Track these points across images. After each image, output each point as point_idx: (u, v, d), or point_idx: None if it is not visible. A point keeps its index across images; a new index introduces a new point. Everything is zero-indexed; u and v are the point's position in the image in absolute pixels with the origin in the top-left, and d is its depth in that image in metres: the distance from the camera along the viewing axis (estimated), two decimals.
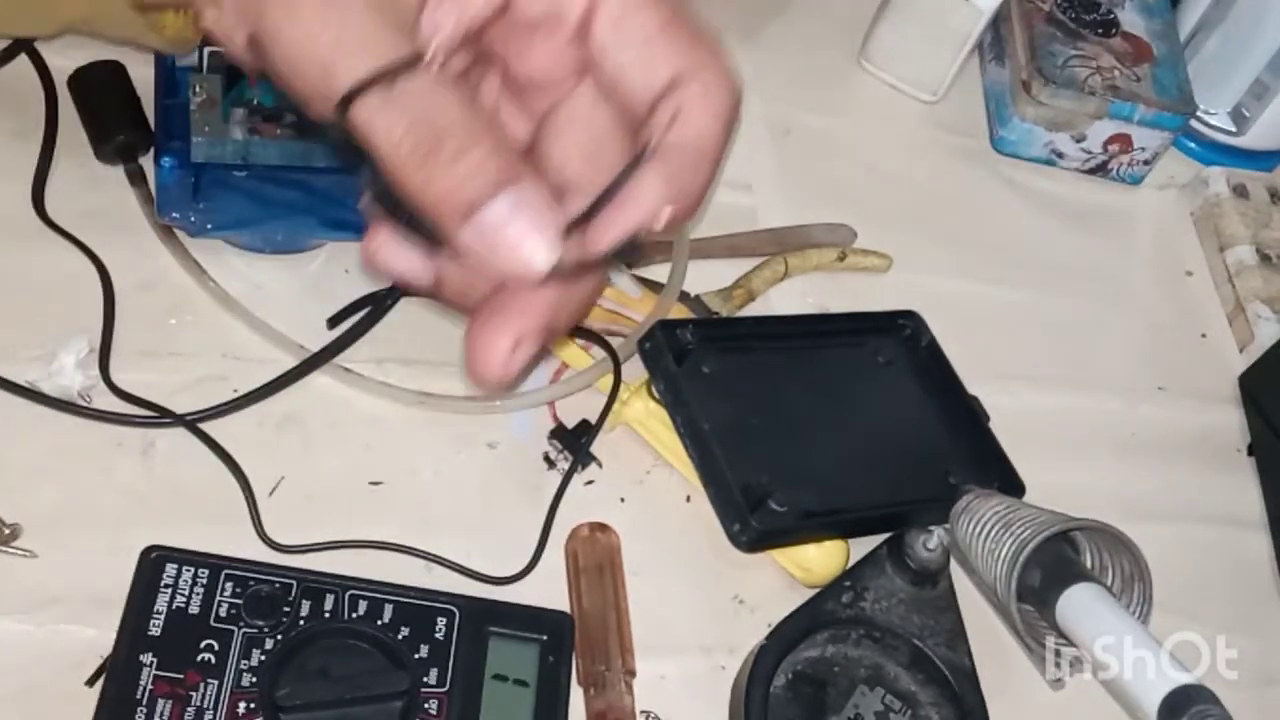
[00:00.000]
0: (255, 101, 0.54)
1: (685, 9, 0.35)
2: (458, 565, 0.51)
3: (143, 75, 0.58)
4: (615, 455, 0.56)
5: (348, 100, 0.32)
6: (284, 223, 0.56)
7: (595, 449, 0.56)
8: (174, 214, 0.54)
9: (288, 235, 0.57)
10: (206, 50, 0.55)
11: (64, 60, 0.58)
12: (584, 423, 0.56)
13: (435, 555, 0.51)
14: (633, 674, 0.49)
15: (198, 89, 0.53)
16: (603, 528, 0.53)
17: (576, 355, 0.58)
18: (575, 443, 0.55)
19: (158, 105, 0.55)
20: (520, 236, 0.33)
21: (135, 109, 0.58)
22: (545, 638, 0.49)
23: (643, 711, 0.49)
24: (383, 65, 0.32)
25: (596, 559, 0.52)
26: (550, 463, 0.55)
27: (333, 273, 0.57)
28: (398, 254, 0.35)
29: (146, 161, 0.57)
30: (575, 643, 0.49)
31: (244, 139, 0.53)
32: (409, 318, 0.57)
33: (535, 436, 0.56)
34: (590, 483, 0.55)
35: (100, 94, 0.58)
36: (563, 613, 0.50)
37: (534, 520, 0.53)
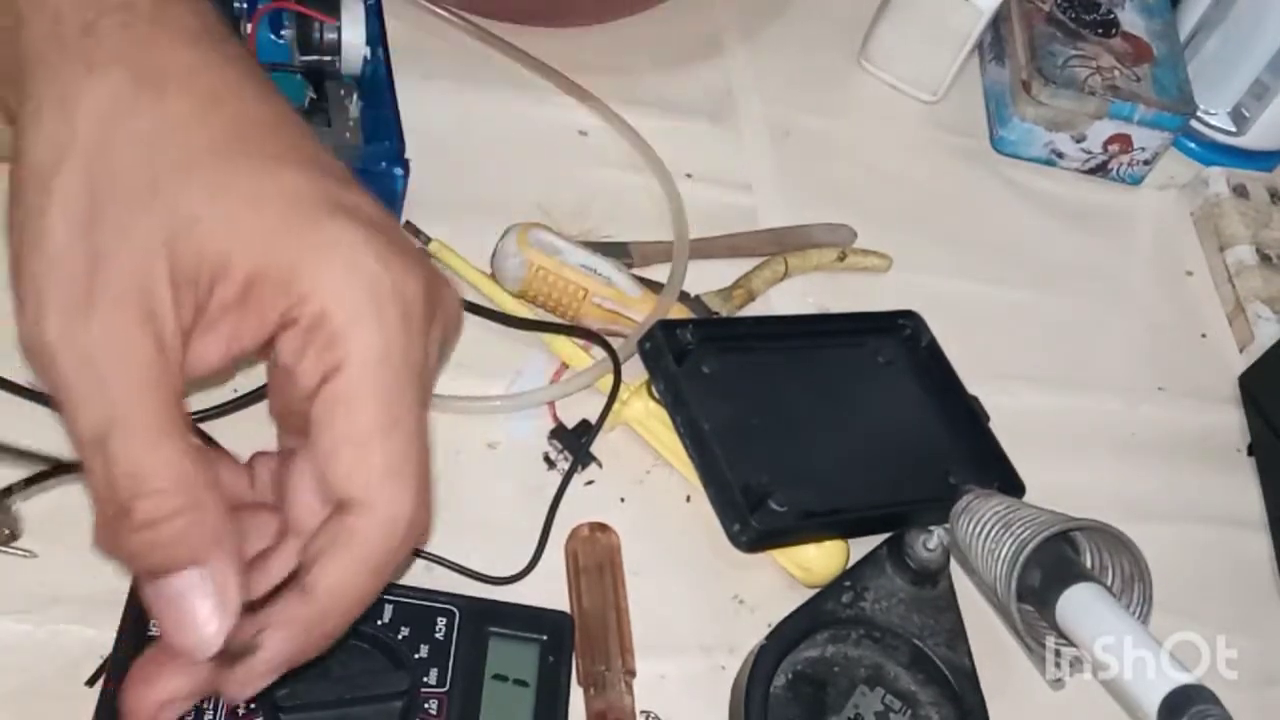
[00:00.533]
0: None
1: (411, 420, 0.33)
2: (457, 565, 0.51)
3: None
4: (615, 455, 0.56)
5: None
6: None
7: (595, 449, 0.56)
8: None
9: None
10: None
11: None
12: (584, 423, 0.56)
13: (435, 555, 0.51)
14: (633, 674, 0.49)
15: None
16: (603, 528, 0.53)
17: (576, 355, 0.58)
18: (575, 443, 0.55)
19: None
20: (192, 615, 0.32)
21: None
22: (545, 638, 0.49)
23: (643, 711, 0.49)
24: (110, 420, 0.30)
25: (596, 559, 0.52)
26: (550, 463, 0.55)
27: None
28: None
29: None
30: (575, 643, 0.49)
31: None
32: None
33: (535, 436, 0.56)
34: (590, 483, 0.55)
35: None
36: (563, 613, 0.50)
37: (534, 520, 0.53)
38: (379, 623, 0.47)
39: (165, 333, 0.31)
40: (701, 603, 0.54)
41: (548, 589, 0.51)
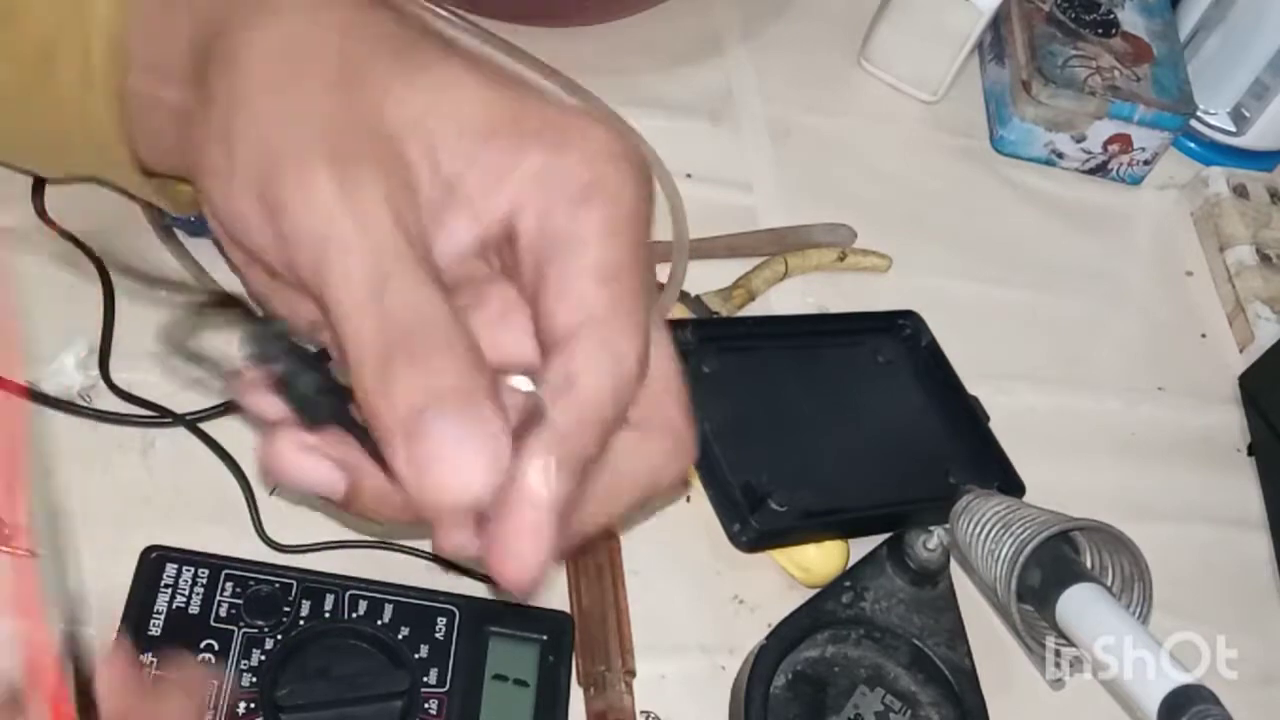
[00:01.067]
0: None
1: (643, 254, 0.32)
2: (458, 565, 0.51)
3: None
4: None
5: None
6: None
7: None
8: (176, 214, 0.54)
9: None
10: None
11: None
12: None
13: (435, 555, 0.51)
14: (633, 674, 0.49)
15: None
16: None
17: None
18: None
19: None
20: (456, 463, 0.28)
21: None
22: (545, 638, 0.48)
23: (643, 711, 0.49)
24: (382, 267, 0.29)
25: (596, 559, 0.52)
26: None
27: None
28: (306, 462, 0.31)
29: None
30: (575, 643, 0.49)
31: None
32: None
33: None
34: None
35: None
36: (563, 613, 0.50)
37: None
38: (379, 623, 0.47)
39: (425, 206, 0.31)
40: (701, 603, 0.54)
41: (548, 589, 0.51)
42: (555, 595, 0.51)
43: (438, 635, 0.47)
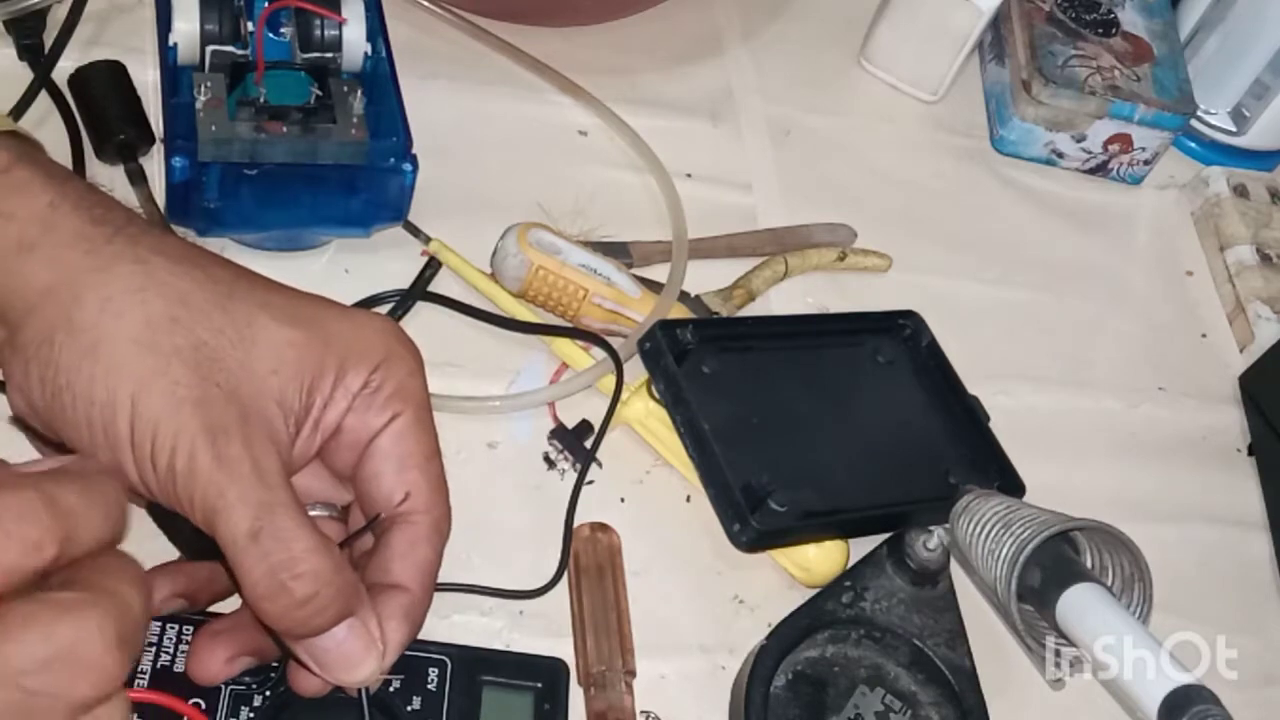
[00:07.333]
0: (261, 100, 0.54)
1: (432, 423, 0.43)
2: (482, 588, 0.50)
3: (143, 75, 0.59)
4: (615, 455, 0.56)
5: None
6: (292, 220, 0.56)
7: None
8: (184, 214, 0.54)
9: (295, 233, 0.57)
10: (209, 49, 0.55)
11: (64, 60, 0.58)
12: (584, 423, 0.56)
13: (459, 584, 0.50)
14: (633, 674, 0.49)
15: (203, 88, 0.53)
16: (603, 528, 0.53)
17: (577, 355, 0.58)
18: (575, 443, 0.55)
19: (164, 104, 0.55)
20: (346, 659, 0.39)
21: (136, 108, 0.58)
22: (539, 686, 0.47)
23: (643, 711, 0.49)
24: (259, 519, 0.36)
25: (597, 559, 0.52)
26: (550, 463, 0.55)
27: (335, 272, 0.58)
28: (233, 667, 0.42)
29: (146, 161, 0.57)
30: (575, 643, 0.49)
31: (251, 137, 0.53)
32: (408, 316, 0.57)
33: (535, 436, 0.56)
34: (590, 483, 0.55)
35: (101, 93, 0.58)
36: (557, 660, 0.49)
37: (533, 521, 0.53)
38: None
39: (284, 447, 0.39)
40: (701, 603, 0.54)
41: (551, 597, 0.51)
42: (556, 596, 0.51)
43: (430, 687, 0.46)
